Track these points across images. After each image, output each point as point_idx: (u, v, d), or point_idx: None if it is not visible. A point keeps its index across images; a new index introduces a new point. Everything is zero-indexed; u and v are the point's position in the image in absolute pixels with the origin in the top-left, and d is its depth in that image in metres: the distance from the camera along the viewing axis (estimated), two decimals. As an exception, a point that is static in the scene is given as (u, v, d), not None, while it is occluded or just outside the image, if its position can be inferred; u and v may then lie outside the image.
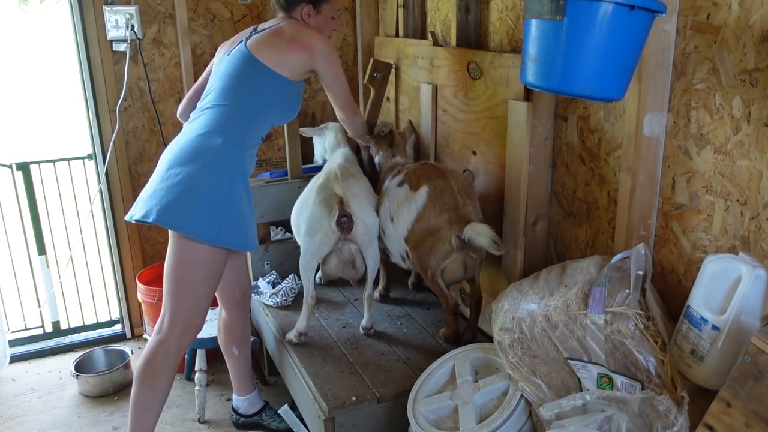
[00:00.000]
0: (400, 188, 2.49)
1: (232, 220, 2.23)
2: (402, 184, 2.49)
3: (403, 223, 2.43)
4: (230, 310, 2.64)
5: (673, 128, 1.85)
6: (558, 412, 1.75)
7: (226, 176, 2.22)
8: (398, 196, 2.48)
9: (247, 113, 2.29)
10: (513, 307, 1.95)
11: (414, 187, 2.43)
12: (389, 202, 2.51)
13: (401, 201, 2.45)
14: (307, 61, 2.34)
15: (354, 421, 2.19)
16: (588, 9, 1.54)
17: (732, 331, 1.52)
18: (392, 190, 2.52)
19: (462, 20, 2.63)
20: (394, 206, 2.47)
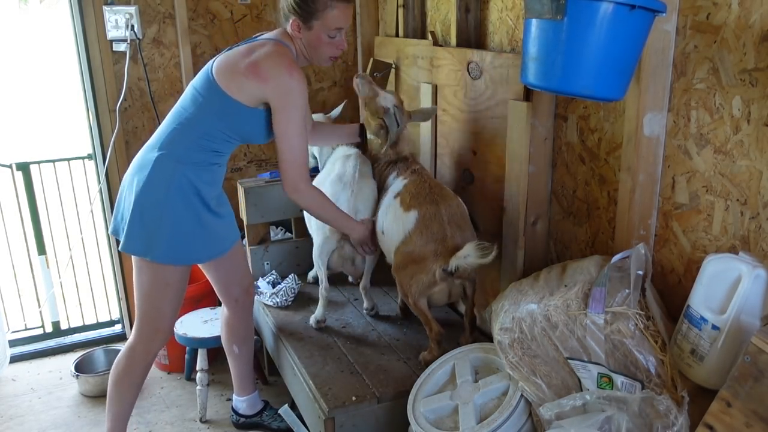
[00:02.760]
0: (394, 200, 2.42)
1: (167, 235, 2.17)
2: (396, 197, 2.41)
3: (390, 239, 2.40)
4: (230, 307, 2.64)
5: (673, 128, 1.85)
6: (558, 412, 1.75)
7: (159, 190, 2.15)
8: (390, 210, 2.42)
9: (193, 131, 2.18)
10: (513, 307, 1.95)
11: (405, 207, 2.36)
12: (383, 211, 2.46)
13: (392, 218, 2.40)
14: (259, 90, 2.11)
15: (354, 421, 2.19)
16: (588, 9, 1.54)
17: (732, 330, 1.53)
18: (388, 197, 2.46)
19: (462, 20, 2.63)
20: (387, 219, 2.43)
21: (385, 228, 2.42)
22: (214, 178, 2.28)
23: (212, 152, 2.22)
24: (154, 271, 2.24)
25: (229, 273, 2.55)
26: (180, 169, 2.17)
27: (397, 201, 2.41)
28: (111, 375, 2.43)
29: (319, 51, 2.20)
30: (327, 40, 2.16)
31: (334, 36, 2.16)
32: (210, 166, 2.24)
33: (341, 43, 2.19)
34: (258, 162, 3.67)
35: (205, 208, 2.24)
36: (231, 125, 2.19)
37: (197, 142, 2.18)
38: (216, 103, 2.15)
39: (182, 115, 2.21)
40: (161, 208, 2.16)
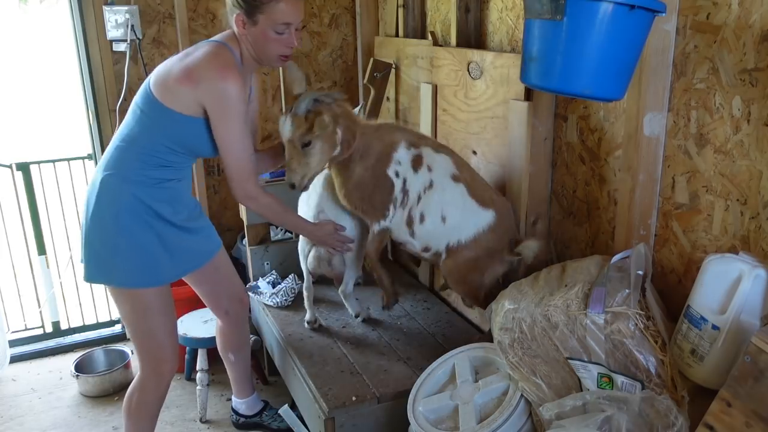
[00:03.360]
0: (455, 185, 2.27)
1: (124, 258, 2.07)
2: (457, 181, 2.27)
3: (451, 230, 2.29)
4: (222, 319, 2.61)
5: (673, 128, 1.85)
6: (558, 412, 1.75)
7: (108, 213, 2.06)
8: (449, 196, 2.27)
9: (135, 148, 2.07)
10: (513, 307, 1.95)
11: (480, 201, 2.27)
12: (429, 197, 2.28)
13: (457, 209, 2.27)
14: (192, 96, 1.97)
15: (354, 421, 2.19)
16: (588, 9, 1.54)
17: (732, 330, 1.52)
18: (437, 177, 2.28)
19: (462, 20, 2.63)
20: (449, 206, 2.27)
21: (446, 214, 2.27)
22: (173, 195, 2.14)
23: (161, 167, 2.08)
24: (129, 297, 2.14)
25: (216, 285, 2.48)
26: (127, 189, 2.05)
27: (462, 187, 2.26)
28: (125, 408, 2.33)
29: (266, 49, 2.02)
30: (274, 36, 1.98)
31: (282, 32, 1.98)
32: (163, 183, 2.10)
33: (291, 40, 2.01)
34: (258, 162, 3.67)
35: (167, 225, 2.12)
36: (171, 137, 2.05)
37: (142, 159, 2.05)
38: (154, 115, 2.03)
39: (125, 131, 2.10)
40: (113, 232, 2.05)
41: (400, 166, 2.26)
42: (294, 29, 2.02)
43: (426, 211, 2.28)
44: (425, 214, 2.29)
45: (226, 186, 3.58)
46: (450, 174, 2.27)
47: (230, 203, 3.65)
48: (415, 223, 2.30)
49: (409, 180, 2.27)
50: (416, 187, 2.27)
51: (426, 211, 2.28)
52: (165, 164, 2.09)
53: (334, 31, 3.62)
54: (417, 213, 2.29)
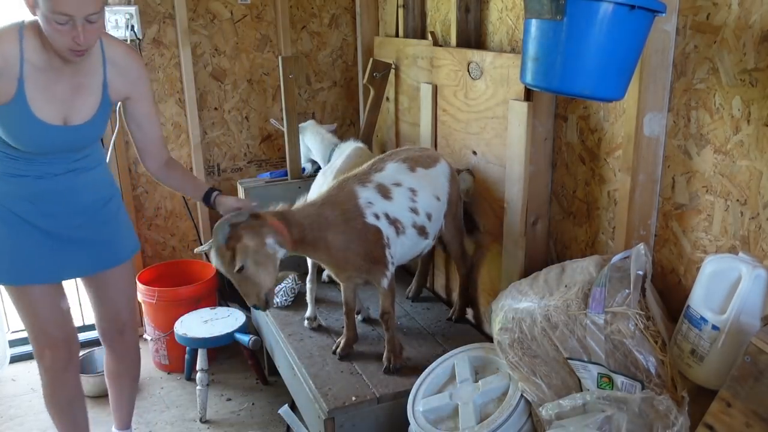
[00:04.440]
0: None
1: None
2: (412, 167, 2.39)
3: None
4: (103, 342, 2.44)
5: (673, 128, 1.85)
6: (558, 412, 1.75)
7: None
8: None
9: None
10: (513, 307, 1.95)
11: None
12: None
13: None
14: None
15: (354, 421, 2.19)
16: (588, 9, 1.54)
17: (732, 331, 1.52)
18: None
19: (462, 20, 2.63)
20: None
21: (435, 193, 2.43)
22: (35, 192, 2.01)
23: (6, 159, 1.98)
24: (11, 294, 2.11)
25: (99, 305, 2.33)
26: None
27: (420, 170, 2.41)
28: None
29: (53, 39, 1.79)
30: (56, 26, 1.75)
31: (64, 23, 1.74)
32: (10, 177, 1.99)
33: (76, 34, 1.76)
34: (258, 162, 3.67)
35: (23, 222, 2.02)
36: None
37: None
38: None
39: None
40: None
41: (374, 206, 2.24)
42: (82, 23, 1.75)
43: (427, 207, 2.38)
44: (428, 210, 2.38)
45: (226, 186, 3.60)
46: (408, 169, 2.38)
47: (230, 203, 3.64)
48: (426, 225, 2.38)
49: (391, 209, 2.27)
50: (403, 206, 2.31)
51: (428, 207, 2.38)
52: (8, 156, 1.97)
53: (334, 31, 3.62)
54: (423, 216, 2.37)
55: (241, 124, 3.58)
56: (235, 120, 3.56)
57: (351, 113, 3.78)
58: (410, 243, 2.36)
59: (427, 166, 2.42)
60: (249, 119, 3.59)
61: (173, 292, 3.21)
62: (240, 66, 3.49)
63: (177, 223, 3.60)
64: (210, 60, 3.43)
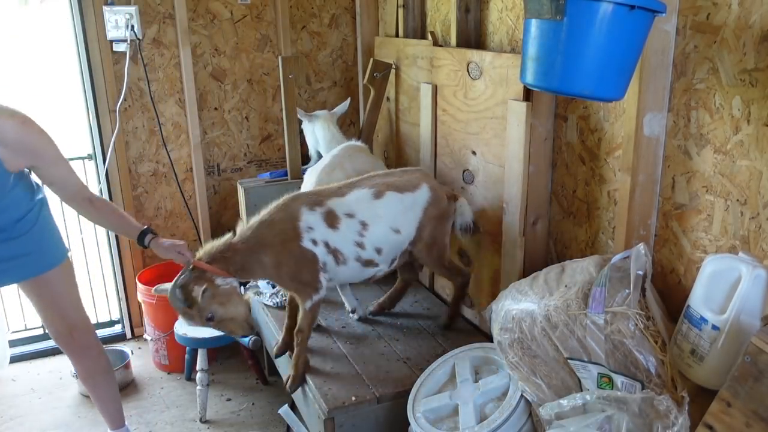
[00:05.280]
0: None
1: None
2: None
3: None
4: (63, 351, 2.51)
5: (673, 128, 1.85)
6: (558, 412, 1.75)
7: None
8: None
9: None
10: (513, 307, 1.95)
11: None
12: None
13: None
14: None
15: (354, 421, 2.19)
16: (588, 9, 1.54)
17: (732, 331, 1.52)
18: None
19: (462, 20, 2.63)
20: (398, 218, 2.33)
21: (396, 225, 2.32)
22: None
23: None
24: None
25: (40, 311, 2.41)
26: None
27: (390, 194, 2.30)
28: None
29: None
30: None
31: None
32: None
33: None
34: (258, 162, 3.67)
35: None
36: None
37: None
38: None
39: None
40: None
41: (313, 232, 2.21)
42: None
43: (378, 241, 2.28)
44: (378, 245, 2.29)
45: (226, 186, 3.61)
46: (372, 197, 2.28)
47: (230, 203, 3.65)
48: (374, 258, 2.30)
49: (333, 239, 2.23)
50: (348, 239, 2.24)
51: (378, 242, 2.28)
52: None
53: (334, 31, 3.62)
54: (371, 251, 2.28)
55: (241, 124, 3.58)
56: (235, 120, 3.56)
57: (351, 113, 3.78)
58: (354, 272, 2.32)
59: (402, 190, 2.32)
60: (249, 119, 3.59)
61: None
62: (240, 66, 3.49)
63: (177, 223, 3.60)
64: (210, 60, 3.43)
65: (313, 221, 2.21)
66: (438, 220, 2.39)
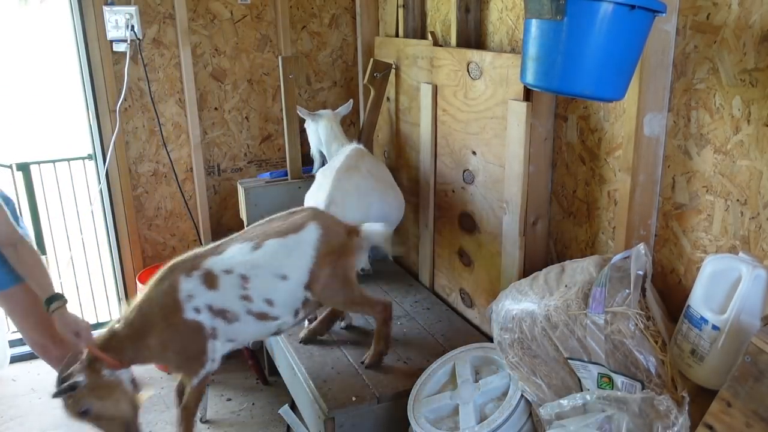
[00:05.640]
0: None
1: None
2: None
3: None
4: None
5: (673, 128, 1.85)
6: (558, 412, 1.75)
7: None
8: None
9: None
10: (513, 307, 1.95)
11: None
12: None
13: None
14: None
15: (354, 421, 2.19)
16: (588, 9, 1.54)
17: (732, 330, 1.52)
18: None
19: (462, 20, 2.63)
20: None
21: (283, 272, 2.21)
22: None
23: None
24: None
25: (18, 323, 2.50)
26: None
27: (271, 242, 2.21)
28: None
29: None
30: None
31: None
32: None
33: None
34: (258, 162, 3.67)
35: None
36: None
37: None
38: None
39: None
40: None
41: (194, 300, 2.12)
42: None
43: (265, 292, 2.18)
44: (267, 295, 2.18)
45: (226, 186, 3.61)
46: (251, 249, 2.20)
47: (230, 203, 3.65)
48: (268, 311, 2.19)
49: (216, 300, 2.14)
50: (231, 295, 2.15)
51: (265, 293, 2.18)
52: None
53: (334, 31, 3.62)
54: (260, 303, 2.18)
55: (241, 124, 3.58)
56: (235, 120, 3.56)
57: (351, 113, 3.77)
58: (254, 328, 2.22)
59: (284, 234, 2.22)
60: (249, 119, 3.59)
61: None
62: (240, 66, 3.49)
63: (177, 223, 3.60)
64: (210, 60, 3.43)
65: (192, 288, 2.12)
66: (337, 257, 2.25)
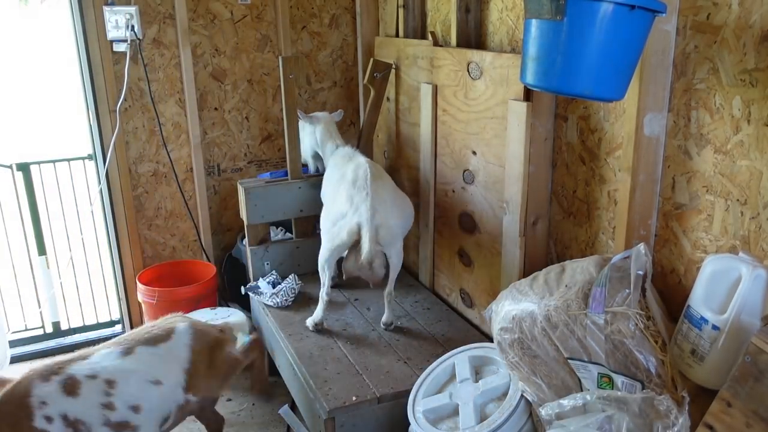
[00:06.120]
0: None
1: None
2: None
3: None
4: None
5: (673, 128, 1.85)
6: (558, 412, 1.75)
7: None
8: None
9: None
10: (513, 307, 1.95)
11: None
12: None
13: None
14: None
15: (354, 421, 2.19)
16: (588, 9, 1.54)
17: (732, 330, 1.52)
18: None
19: (462, 20, 2.63)
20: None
21: (156, 377, 2.18)
22: None
23: None
24: None
25: None
26: None
27: (141, 349, 2.19)
28: None
29: None
30: None
31: None
32: None
33: None
34: (258, 162, 3.67)
35: None
36: None
37: None
38: None
39: None
40: None
41: (47, 407, 1.99)
42: None
43: (133, 398, 2.10)
44: (134, 401, 2.10)
45: (227, 186, 3.61)
46: (121, 354, 2.15)
47: (230, 203, 3.65)
48: (130, 420, 2.10)
49: (73, 409, 2.02)
50: (91, 403, 2.05)
51: (133, 398, 2.10)
52: None
53: (334, 31, 3.62)
54: (124, 410, 2.09)
55: (241, 124, 3.58)
56: (235, 120, 3.56)
57: (351, 113, 3.78)
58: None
59: (154, 342, 2.20)
60: (249, 119, 3.59)
61: (173, 292, 3.21)
62: (240, 66, 3.49)
63: (177, 223, 3.59)
64: (210, 60, 3.43)
65: (47, 393, 2.00)
66: (211, 353, 2.29)
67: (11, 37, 12.78)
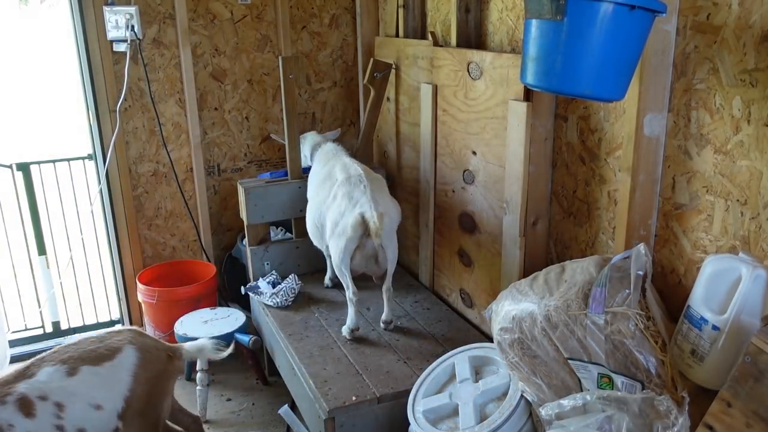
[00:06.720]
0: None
1: None
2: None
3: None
4: None
5: (673, 128, 1.85)
6: (558, 412, 1.75)
7: None
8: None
9: None
10: (513, 307, 1.95)
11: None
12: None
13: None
14: None
15: (354, 421, 2.19)
16: (588, 9, 1.54)
17: (732, 331, 1.52)
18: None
19: (462, 20, 2.63)
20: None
21: (96, 401, 2.07)
22: None
23: None
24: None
25: None
26: None
27: (85, 369, 2.07)
28: None
29: None
30: None
31: None
32: None
33: None
34: (258, 162, 3.67)
35: None
36: None
37: None
38: None
39: None
40: None
41: (14, 429, 1.92)
42: None
43: (79, 422, 2.03)
44: (80, 425, 2.03)
45: (227, 186, 3.60)
46: (65, 374, 2.06)
47: (230, 203, 3.65)
48: None
49: (34, 430, 1.95)
50: (47, 426, 1.98)
51: (79, 422, 2.03)
52: None
53: (334, 32, 3.63)
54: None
55: (241, 124, 3.58)
56: (235, 120, 3.56)
57: (351, 113, 3.78)
58: None
59: (98, 362, 2.10)
60: (249, 119, 3.59)
61: (173, 292, 3.21)
62: (240, 66, 3.49)
63: (177, 223, 3.60)
64: (210, 60, 3.43)
65: (10, 416, 1.92)
66: (155, 381, 2.19)
67: (11, 37, 12.78)
